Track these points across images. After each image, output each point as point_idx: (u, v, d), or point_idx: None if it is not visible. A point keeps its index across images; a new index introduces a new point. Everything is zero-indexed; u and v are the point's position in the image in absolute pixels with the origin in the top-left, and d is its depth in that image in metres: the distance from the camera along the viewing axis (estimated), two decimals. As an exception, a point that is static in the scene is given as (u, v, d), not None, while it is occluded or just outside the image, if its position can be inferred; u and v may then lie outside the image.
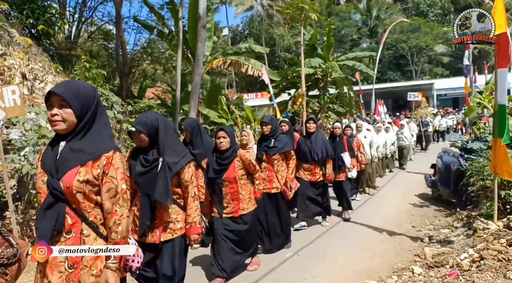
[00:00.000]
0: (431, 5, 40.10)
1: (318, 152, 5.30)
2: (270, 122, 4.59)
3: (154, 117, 2.59)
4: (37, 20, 7.74)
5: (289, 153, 4.58)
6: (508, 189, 4.46)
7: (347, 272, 3.97)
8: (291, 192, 4.60)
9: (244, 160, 3.64)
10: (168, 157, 2.55)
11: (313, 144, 5.36)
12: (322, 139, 5.51)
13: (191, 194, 2.63)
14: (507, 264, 2.98)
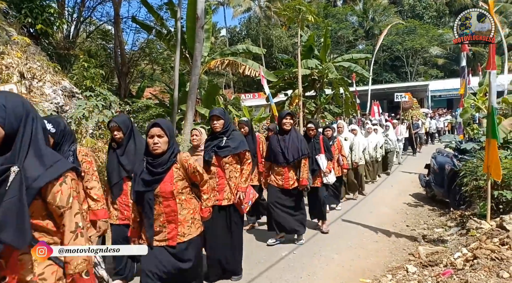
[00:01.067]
0: (427, 8, 40.29)
1: (293, 152, 4.57)
2: (222, 116, 3.68)
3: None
4: (36, 20, 7.73)
5: (243, 154, 3.71)
6: (501, 189, 4.54)
7: (342, 270, 4.02)
8: (248, 204, 3.75)
9: (187, 167, 2.65)
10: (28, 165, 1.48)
11: (287, 142, 4.61)
12: (299, 138, 4.72)
13: (70, 228, 1.57)
14: (500, 263, 3.04)
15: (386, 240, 5.00)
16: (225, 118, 3.71)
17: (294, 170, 4.70)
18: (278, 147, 4.65)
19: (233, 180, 3.68)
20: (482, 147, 5.75)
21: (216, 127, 3.65)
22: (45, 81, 6.68)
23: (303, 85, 13.56)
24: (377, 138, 9.32)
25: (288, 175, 4.65)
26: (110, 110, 6.28)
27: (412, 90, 31.41)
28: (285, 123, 4.71)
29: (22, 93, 5.81)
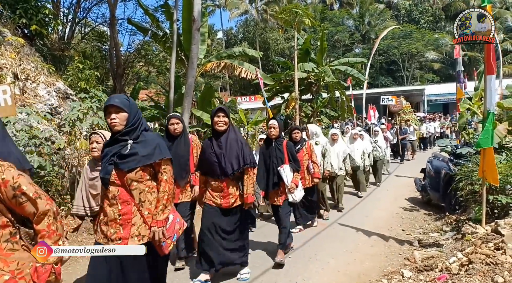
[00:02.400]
0: (423, 12, 40.63)
1: (232, 160, 3.52)
2: (124, 106, 2.36)
3: None
4: (30, 20, 7.69)
5: (159, 166, 2.42)
6: (496, 194, 4.54)
7: (338, 275, 3.99)
8: (172, 240, 2.48)
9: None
10: None
11: (223, 148, 3.54)
12: (239, 141, 3.63)
13: None
14: (495, 268, 3.03)
15: (382, 244, 4.98)
16: (129, 110, 2.36)
17: (235, 184, 3.65)
18: (213, 154, 3.54)
19: (147, 205, 2.40)
20: (477, 152, 5.75)
21: (115, 126, 2.34)
22: (39, 82, 6.63)
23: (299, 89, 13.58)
24: (364, 145, 8.41)
25: (228, 191, 3.60)
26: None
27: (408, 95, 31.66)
28: (217, 122, 3.55)
29: (16, 95, 5.75)
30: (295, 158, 4.46)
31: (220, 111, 3.58)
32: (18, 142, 4.78)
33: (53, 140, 5.49)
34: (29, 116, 5.33)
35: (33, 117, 5.31)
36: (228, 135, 3.61)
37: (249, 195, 3.60)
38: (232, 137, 3.63)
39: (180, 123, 3.79)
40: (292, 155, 4.43)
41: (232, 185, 3.63)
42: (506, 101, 6.50)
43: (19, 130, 5.05)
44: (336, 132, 7.16)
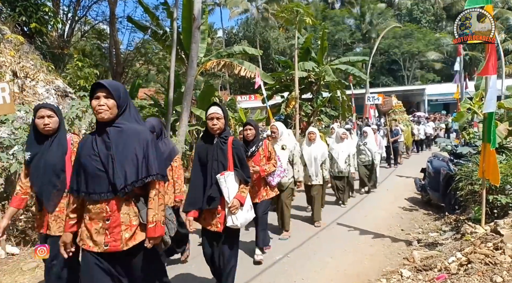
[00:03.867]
0: (424, 12, 40.61)
1: (126, 167, 2.12)
2: None
3: None
4: (30, 18, 7.67)
5: None
6: (496, 194, 4.53)
7: (337, 274, 3.99)
8: None
9: None
10: None
11: (113, 147, 2.14)
12: (141, 137, 2.20)
13: None
14: (494, 267, 3.02)
15: (381, 244, 4.97)
16: None
17: (131, 209, 2.18)
18: (94, 157, 2.14)
19: None
20: (478, 151, 5.74)
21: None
22: (38, 80, 6.62)
23: (299, 88, 13.57)
24: (350, 147, 7.32)
25: (117, 220, 2.14)
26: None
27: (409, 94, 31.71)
28: (96, 108, 2.12)
29: (14, 92, 5.74)
30: (243, 163, 3.12)
31: (101, 89, 2.12)
32: (17, 140, 4.77)
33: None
34: (28, 114, 5.31)
35: (31, 115, 5.29)
36: (121, 128, 2.14)
37: (157, 224, 2.15)
38: (130, 131, 2.15)
39: (56, 116, 2.74)
40: (240, 158, 3.09)
41: (126, 210, 2.15)
42: (507, 101, 6.48)
43: (17, 128, 5.03)
44: (314, 131, 6.03)
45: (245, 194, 3.13)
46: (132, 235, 2.18)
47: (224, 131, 3.12)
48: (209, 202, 3.04)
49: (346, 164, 7.10)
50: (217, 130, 3.05)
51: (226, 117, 3.10)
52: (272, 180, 4.40)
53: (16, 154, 4.63)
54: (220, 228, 3.06)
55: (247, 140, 4.23)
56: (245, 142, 4.20)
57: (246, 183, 3.14)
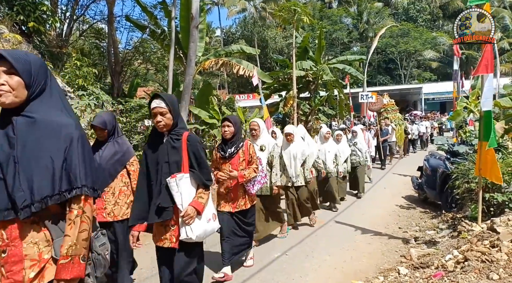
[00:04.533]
0: (420, 11, 40.68)
1: (35, 176, 1.44)
2: None
3: None
4: (28, 17, 7.65)
5: None
6: (492, 192, 4.57)
7: (335, 272, 4.02)
8: None
9: None
10: None
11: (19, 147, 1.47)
12: (56, 136, 1.50)
13: None
14: (490, 265, 3.06)
15: (378, 242, 5.01)
16: None
17: (41, 235, 1.49)
18: None
19: None
20: (474, 150, 5.79)
21: None
22: (36, 79, 6.59)
23: (297, 87, 13.58)
24: (337, 147, 7.06)
25: (18, 253, 1.44)
26: (103, 109, 6.23)
27: (406, 93, 31.80)
28: None
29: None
30: (201, 162, 2.60)
31: None
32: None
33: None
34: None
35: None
36: (34, 118, 1.51)
37: (73, 260, 1.48)
38: (47, 124, 1.52)
39: None
40: (197, 157, 2.58)
41: (34, 237, 1.48)
42: (503, 100, 6.54)
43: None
44: (291, 131, 5.45)
45: (204, 200, 2.57)
46: (39, 272, 1.46)
47: (175, 126, 2.55)
48: (158, 213, 2.50)
49: (334, 164, 6.87)
50: (164, 128, 2.50)
51: (174, 110, 2.51)
52: (251, 187, 3.82)
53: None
54: (175, 244, 2.52)
55: (225, 139, 3.72)
56: (223, 141, 3.76)
57: (206, 187, 2.62)
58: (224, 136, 3.70)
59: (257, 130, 4.65)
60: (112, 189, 3.23)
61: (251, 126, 4.70)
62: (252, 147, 3.81)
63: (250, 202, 3.88)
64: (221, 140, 3.78)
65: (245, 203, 3.81)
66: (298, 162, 5.36)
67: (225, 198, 3.78)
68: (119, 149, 3.26)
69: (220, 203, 3.82)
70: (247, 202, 3.83)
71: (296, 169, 5.36)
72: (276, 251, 4.65)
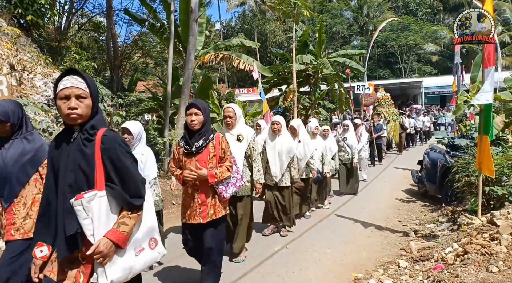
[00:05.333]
0: (420, 4, 40.45)
1: None
2: None
3: None
4: (26, 10, 7.58)
5: None
6: (492, 185, 4.58)
7: (335, 265, 4.04)
8: None
9: None
10: None
11: None
12: None
13: None
14: (490, 258, 3.07)
15: (378, 235, 5.03)
16: None
17: None
18: None
19: None
20: (474, 143, 5.80)
21: None
22: (35, 73, 6.58)
23: (297, 81, 13.53)
24: (325, 144, 6.46)
25: None
26: (102, 103, 6.21)
27: (406, 87, 31.72)
28: None
29: (12, 86, 5.72)
30: (125, 173, 1.84)
31: None
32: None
33: (51, 131, 5.48)
34: (26, 108, 5.30)
35: (30, 108, 5.30)
36: None
37: None
38: None
39: None
40: (117, 165, 1.83)
41: None
42: (503, 93, 6.52)
43: (16, 121, 5.03)
44: (279, 120, 4.86)
45: (129, 228, 1.80)
46: None
47: (92, 119, 1.81)
48: (67, 247, 1.74)
49: (321, 162, 6.26)
50: (78, 119, 1.75)
51: (94, 95, 1.81)
52: (224, 190, 3.06)
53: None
54: None
55: (191, 131, 2.99)
56: (189, 133, 3.02)
57: (133, 209, 1.83)
58: (190, 127, 2.96)
59: (232, 118, 3.92)
60: (23, 199, 2.50)
61: (225, 113, 3.94)
62: (225, 141, 3.12)
63: (222, 209, 3.09)
64: (185, 132, 3.06)
65: (215, 211, 3.03)
66: (284, 158, 4.72)
67: (192, 206, 3.03)
68: (29, 147, 2.52)
69: (186, 214, 3.06)
70: (218, 209, 3.05)
71: (282, 167, 4.74)
72: (277, 244, 4.67)
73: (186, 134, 3.03)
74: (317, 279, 3.69)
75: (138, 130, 3.69)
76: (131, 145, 3.61)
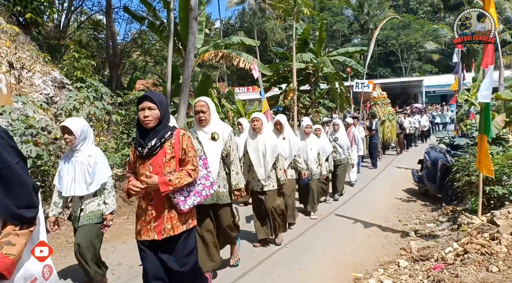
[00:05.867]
0: (421, 2, 40.38)
1: None
2: None
3: None
4: (25, 8, 7.56)
5: None
6: (493, 185, 4.57)
7: (334, 265, 4.02)
8: None
9: None
10: None
11: None
12: None
13: None
14: (490, 257, 3.06)
15: (378, 234, 5.01)
16: None
17: None
18: None
19: None
20: (475, 143, 5.78)
21: None
22: (34, 71, 6.57)
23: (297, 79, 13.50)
24: (319, 144, 6.01)
25: None
26: (102, 102, 6.20)
27: (407, 86, 31.68)
28: None
29: (11, 84, 5.70)
30: (10, 177, 1.43)
31: None
32: (14, 132, 4.75)
33: (50, 130, 5.47)
34: (25, 106, 5.29)
35: (29, 106, 5.28)
36: None
37: None
38: None
39: None
40: None
41: None
42: (504, 92, 6.49)
43: (15, 119, 5.01)
44: (259, 117, 4.34)
45: (17, 248, 1.42)
46: None
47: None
48: None
49: (317, 164, 5.82)
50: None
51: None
52: (183, 201, 2.45)
53: (14, 146, 4.60)
54: None
55: (144, 128, 2.42)
56: (142, 132, 2.45)
57: (22, 223, 1.46)
58: (144, 125, 2.40)
59: (206, 112, 3.33)
60: None
61: (197, 107, 3.33)
62: (187, 139, 2.52)
63: (183, 223, 2.49)
64: (137, 130, 2.50)
65: (174, 226, 2.45)
66: (269, 159, 4.24)
67: (144, 219, 2.47)
68: None
69: (140, 229, 2.49)
70: (176, 224, 2.46)
71: (267, 168, 4.25)
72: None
73: (138, 133, 2.47)
74: (317, 279, 3.67)
75: (80, 128, 3.15)
76: (73, 145, 3.15)
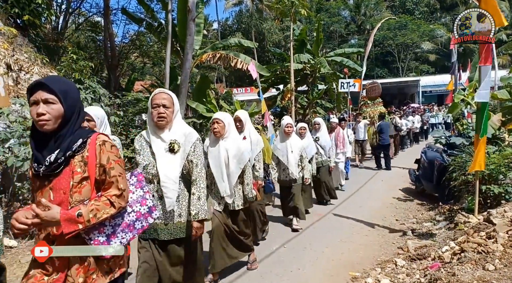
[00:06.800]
0: (417, 3, 40.50)
1: None
2: None
3: None
4: (23, 10, 7.56)
5: None
6: (489, 184, 4.60)
7: (332, 264, 4.05)
8: None
9: None
10: None
11: None
12: None
13: None
14: (486, 256, 3.08)
15: (376, 234, 5.04)
16: None
17: None
18: None
19: None
20: (471, 142, 5.82)
21: None
22: (32, 73, 6.57)
23: (295, 80, 13.55)
24: (302, 144, 5.34)
25: None
26: (100, 103, 6.20)
27: (404, 86, 31.74)
28: None
29: (9, 86, 5.71)
30: None
31: None
32: (12, 133, 4.75)
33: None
34: (23, 107, 5.30)
35: (27, 108, 5.28)
36: None
37: None
38: None
39: None
40: None
41: None
42: (500, 92, 6.54)
43: (13, 121, 5.02)
44: (221, 118, 3.43)
45: None
46: None
47: None
48: None
49: (299, 169, 5.20)
50: None
51: None
52: (105, 242, 1.67)
53: (12, 147, 4.62)
54: None
55: (42, 133, 1.60)
56: (38, 139, 1.63)
57: None
58: (39, 127, 1.57)
59: (168, 108, 2.46)
60: None
61: (156, 100, 2.46)
62: (109, 148, 1.69)
63: (104, 274, 1.68)
64: (31, 138, 1.66)
65: (89, 280, 1.63)
66: (234, 168, 3.38)
67: (44, 267, 1.61)
68: None
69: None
70: (94, 276, 1.64)
71: (231, 182, 3.38)
72: (275, 244, 4.68)
73: (33, 142, 1.63)
74: (315, 278, 3.70)
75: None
76: None
